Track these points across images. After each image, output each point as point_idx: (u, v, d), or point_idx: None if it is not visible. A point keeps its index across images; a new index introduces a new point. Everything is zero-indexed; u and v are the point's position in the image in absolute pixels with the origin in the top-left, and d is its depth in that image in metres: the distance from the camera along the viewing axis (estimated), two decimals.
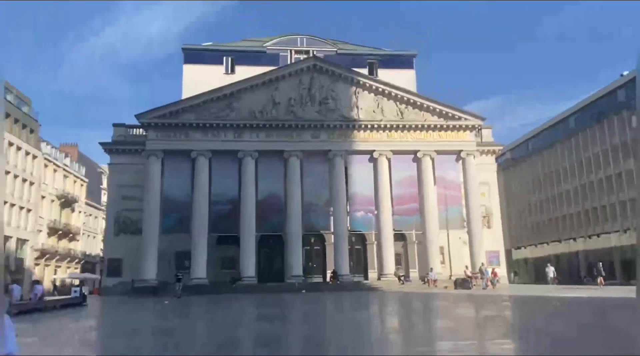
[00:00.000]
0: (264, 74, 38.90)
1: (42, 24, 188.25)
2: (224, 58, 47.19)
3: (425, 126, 38.55)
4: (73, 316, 20.57)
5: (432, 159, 38.16)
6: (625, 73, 53.17)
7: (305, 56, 44.19)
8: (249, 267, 35.16)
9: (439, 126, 38.76)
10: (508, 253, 49.24)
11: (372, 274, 37.71)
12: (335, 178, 37.31)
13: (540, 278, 51.40)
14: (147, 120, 36.95)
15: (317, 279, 37.05)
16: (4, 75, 1.23)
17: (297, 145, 37.33)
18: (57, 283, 53.03)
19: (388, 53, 49.73)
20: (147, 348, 11.41)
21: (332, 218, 36.98)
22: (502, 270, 39.15)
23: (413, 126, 38.45)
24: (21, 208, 50.57)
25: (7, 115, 49.47)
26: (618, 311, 18.14)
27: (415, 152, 38.15)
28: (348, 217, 37.13)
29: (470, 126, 39.39)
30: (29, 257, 51.37)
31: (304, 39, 49.78)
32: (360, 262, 38.57)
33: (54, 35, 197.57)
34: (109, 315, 21.25)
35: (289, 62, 44.37)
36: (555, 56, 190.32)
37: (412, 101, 39.14)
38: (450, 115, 39.00)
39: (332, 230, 37.02)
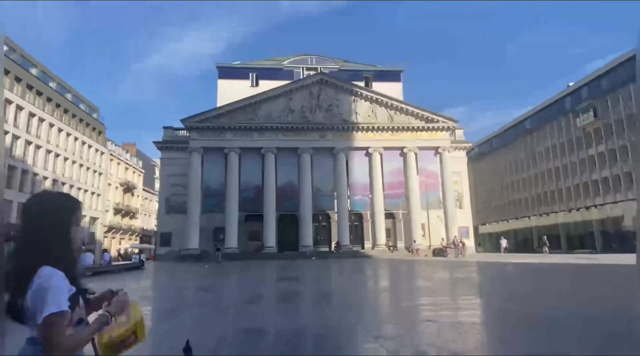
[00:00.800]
0: (281, 86, 38.91)
1: (107, 49, 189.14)
2: (250, 74, 47.11)
3: (410, 127, 38.44)
4: (134, 277, 20.95)
5: (416, 154, 38.05)
6: (571, 84, 52.54)
7: (314, 72, 43.99)
8: (270, 238, 35.51)
9: (421, 127, 38.63)
10: (476, 229, 49.12)
11: (368, 244, 37.89)
12: (338, 169, 37.38)
13: (495, 248, 51.89)
14: (190, 123, 37.17)
15: (324, 248, 37.15)
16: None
17: (308, 143, 37.39)
18: (121, 252, 53.87)
19: (380, 69, 49.38)
20: (193, 301, 11.68)
21: (335, 201, 37.11)
22: (470, 242, 39.26)
23: (400, 128, 38.35)
24: (92, 193, 51.27)
25: (80, 120, 49.98)
26: (552, 274, 18.26)
27: (402, 148, 38.07)
28: (348, 200, 37.21)
29: (445, 127, 39.24)
30: (99, 231, 52.23)
31: (313, 58, 49.51)
32: (357, 235, 38.70)
33: (118, 57, 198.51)
34: (162, 276, 21.61)
35: (301, 77, 44.23)
36: (519, 70, 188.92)
37: (399, 107, 39.01)
38: (430, 118, 38.84)
39: (335, 210, 37.16)
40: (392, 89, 44.93)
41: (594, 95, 47.42)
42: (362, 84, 43.73)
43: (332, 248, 36.26)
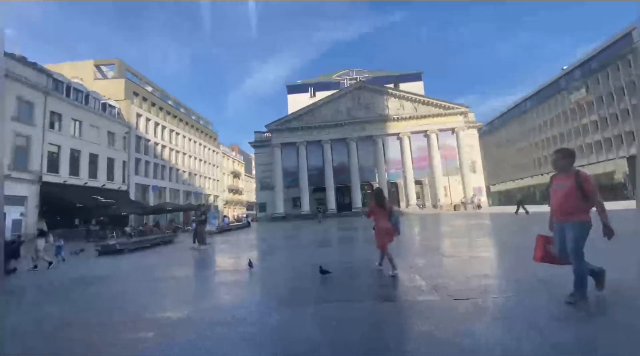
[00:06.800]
0: (331, 95, 37.84)
1: (217, 80, 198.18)
2: (309, 88, 46.47)
3: (431, 115, 35.80)
4: (244, 232, 21.86)
5: (436, 134, 35.48)
6: (564, 67, 45.75)
7: (355, 81, 42.36)
8: (331, 203, 35.38)
9: (439, 114, 35.84)
10: (488, 188, 45.41)
11: (402, 204, 36.40)
12: (377, 151, 35.97)
13: (504, 202, 47.46)
14: (271, 127, 37.65)
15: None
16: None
17: (353, 134, 36.25)
18: (235, 216, 57.24)
19: (405, 73, 46.22)
20: (282, 244, 11.83)
21: (376, 174, 35.98)
22: (484, 198, 36.25)
23: (423, 115, 35.84)
24: (213, 179, 54.57)
25: (201, 132, 52.80)
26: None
27: (425, 131, 35.63)
28: (386, 173, 35.89)
29: (459, 112, 36.01)
30: (220, 204, 55.66)
31: (354, 71, 47.57)
32: (394, 198, 37.20)
33: (223, 86, 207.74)
34: (262, 231, 22.38)
35: (345, 86, 42.85)
36: (515, 64, 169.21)
37: (421, 100, 36.38)
38: (446, 106, 35.87)
39: (377, 180, 36.06)
40: (415, 87, 42.17)
41: (585, 75, 40.93)
42: (391, 85, 41.35)
43: None
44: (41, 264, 9.11)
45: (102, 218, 25.58)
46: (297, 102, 42.86)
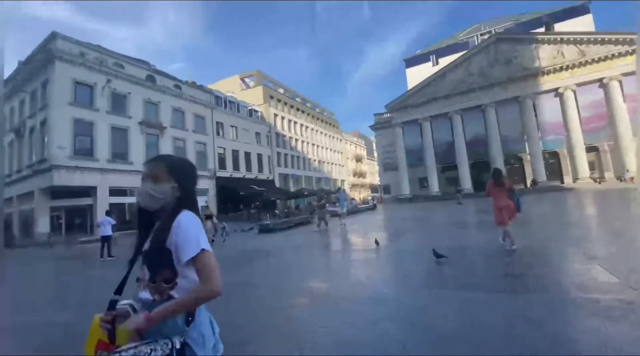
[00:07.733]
0: (458, 58, 32.97)
1: (335, 71, 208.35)
2: (430, 56, 42.21)
3: (609, 56, 26.35)
4: (370, 214, 22.39)
5: (620, 81, 25.99)
6: None
7: (488, 36, 35.61)
8: (466, 181, 31.46)
9: (623, 52, 25.97)
10: None
11: (567, 179, 28.74)
12: (527, 114, 29.27)
13: None
14: (390, 107, 36.33)
15: (519, 186, 30.50)
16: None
17: (490, 98, 30.71)
18: (362, 199, 59.21)
19: (560, 9, 35.49)
20: (408, 226, 11.43)
21: (526, 143, 29.58)
22: None
23: (596, 59, 26.76)
24: (339, 165, 57.81)
25: (325, 123, 56.39)
26: None
27: (600, 80, 26.60)
28: (540, 141, 29.03)
29: None
30: (346, 187, 58.67)
31: (485, 24, 40.01)
32: (554, 171, 29.83)
33: (341, 76, 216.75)
34: (388, 212, 22.28)
35: (476, 44, 36.56)
36: None
37: (591, 39, 27.19)
38: (634, 40, 25.56)
39: (527, 151, 29.69)
40: (580, 24, 31.94)
41: None
42: (541, 30, 32.66)
43: (528, 185, 29.35)
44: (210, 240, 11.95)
45: (258, 203, 31.40)
46: (417, 75, 39.68)
